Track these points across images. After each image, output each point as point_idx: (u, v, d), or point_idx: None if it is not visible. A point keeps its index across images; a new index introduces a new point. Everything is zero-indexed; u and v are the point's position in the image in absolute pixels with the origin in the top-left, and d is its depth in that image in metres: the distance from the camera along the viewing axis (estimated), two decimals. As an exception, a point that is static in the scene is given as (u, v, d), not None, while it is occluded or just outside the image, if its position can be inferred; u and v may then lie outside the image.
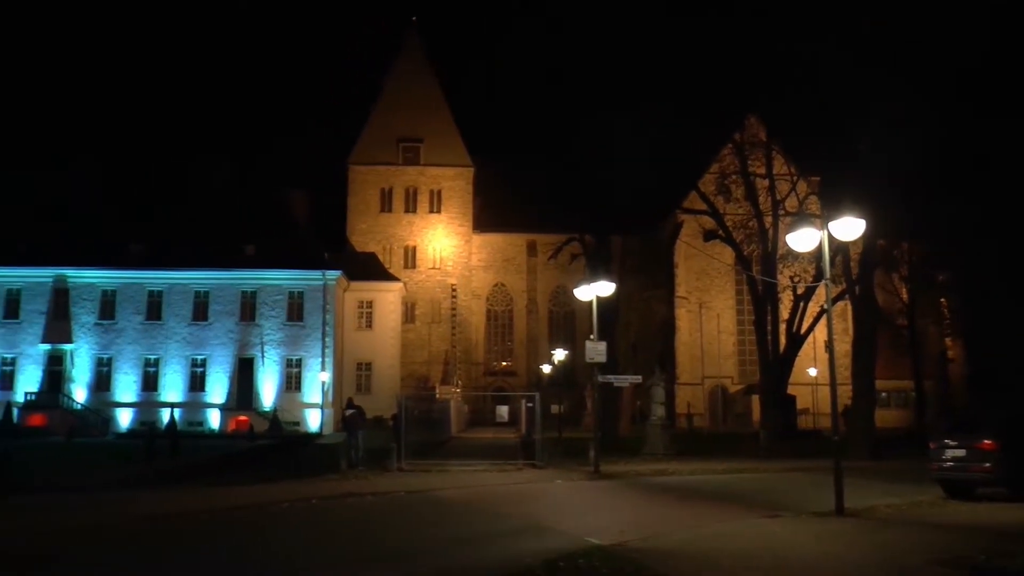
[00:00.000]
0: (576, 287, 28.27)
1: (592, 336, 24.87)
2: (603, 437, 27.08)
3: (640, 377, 30.79)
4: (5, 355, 53.56)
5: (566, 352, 57.02)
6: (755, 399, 56.75)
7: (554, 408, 46.04)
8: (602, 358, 24.82)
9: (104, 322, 53.91)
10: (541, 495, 19.19)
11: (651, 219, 63.58)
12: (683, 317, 68.32)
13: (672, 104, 40.48)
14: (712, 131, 47.35)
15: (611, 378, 28.47)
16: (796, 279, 42.86)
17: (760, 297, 43.59)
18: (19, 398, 51.44)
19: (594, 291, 25.20)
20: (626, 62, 41.62)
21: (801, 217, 22.87)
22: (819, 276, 30.10)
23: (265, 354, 53.46)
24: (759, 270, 44.52)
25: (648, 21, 41.73)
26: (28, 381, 52.82)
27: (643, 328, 65.66)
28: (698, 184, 48.80)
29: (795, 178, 44.85)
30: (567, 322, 73.56)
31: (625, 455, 29.07)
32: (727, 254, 53.81)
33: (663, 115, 39.89)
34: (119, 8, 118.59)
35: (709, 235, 49.90)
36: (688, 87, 40.79)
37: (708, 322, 66.39)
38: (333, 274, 55.01)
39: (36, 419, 49.28)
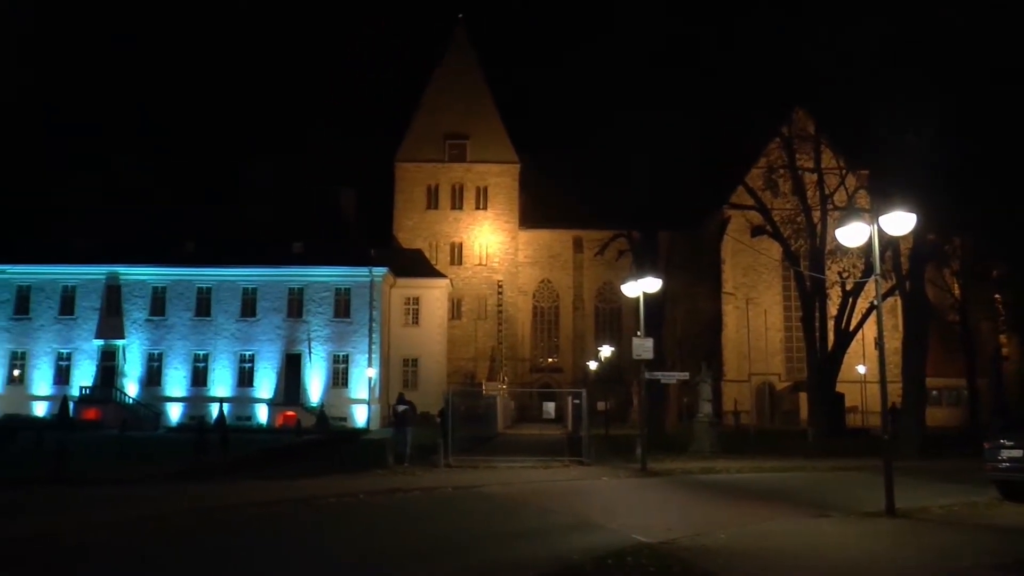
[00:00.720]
0: (623, 283, 28.22)
1: (639, 332, 24.79)
2: (650, 434, 26.97)
3: (687, 374, 30.63)
4: (61, 350, 54.74)
5: (612, 348, 56.94)
6: (803, 396, 56.21)
7: (600, 405, 46.02)
8: (649, 355, 24.78)
9: (155, 318, 54.77)
10: (588, 492, 19.19)
11: (698, 215, 63.26)
12: (730, 313, 67.85)
13: (719, 98, 40.27)
14: (759, 125, 46.85)
15: (658, 375, 28.38)
16: (845, 275, 42.32)
17: (808, 293, 43.16)
18: (75, 392, 52.64)
19: (641, 287, 25.10)
20: (671, 56, 41.49)
21: (850, 211, 22.58)
22: (868, 272, 29.81)
23: (312, 350, 53.90)
24: (807, 266, 44.03)
25: (693, 16, 41.55)
26: (83, 376, 54.01)
27: (689, 324, 65.24)
28: (745, 179, 48.38)
29: (844, 172, 44.24)
30: (613, 318, 73.39)
31: (672, 452, 28.93)
32: (775, 249, 53.37)
33: (710, 109, 39.69)
34: (167, 7, 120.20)
35: (756, 230, 49.59)
36: (734, 81, 40.48)
37: (755, 318, 65.80)
38: (380, 271, 55.26)
39: (91, 413, 50.31)
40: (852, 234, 15.25)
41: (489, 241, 72.83)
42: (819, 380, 41.92)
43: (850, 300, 42.79)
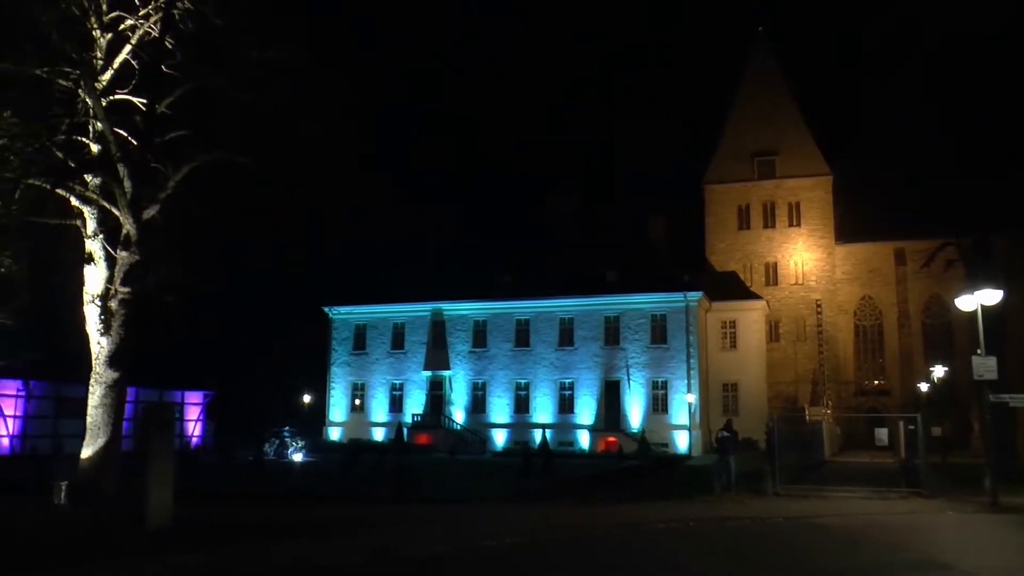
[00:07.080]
0: (952, 296, 26.40)
1: (979, 351, 23.03)
2: (997, 464, 24.84)
3: (1040, 396, 27.86)
4: (394, 381, 59.76)
5: (945, 368, 53.16)
6: None
7: (935, 430, 42.99)
8: (992, 375, 22.94)
9: (477, 350, 58.22)
10: (931, 528, 18.04)
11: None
12: (1084, 325, 61.11)
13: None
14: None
15: (1006, 397, 26.03)
16: None
17: None
18: (407, 419, 57.21)
19: (977, 300, 23.30)
20: (982, 43, 38.32)
21: None
22: None
23: (631, 377, 54.59)
24: None
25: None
26: (414, 404, 58.62)
27: (1034, 339, 59.49)
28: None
29: None
30: (944, 335, 68.24)
31: (1026, 485, 26.45)
32: None
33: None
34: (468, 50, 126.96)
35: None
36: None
37: (1117, 330, 58.84)
38: (694, 295, 55.02)
39: (422, 438, 54.33)
40: None
41: (804, 259, 70.30)
42: None
43: None
